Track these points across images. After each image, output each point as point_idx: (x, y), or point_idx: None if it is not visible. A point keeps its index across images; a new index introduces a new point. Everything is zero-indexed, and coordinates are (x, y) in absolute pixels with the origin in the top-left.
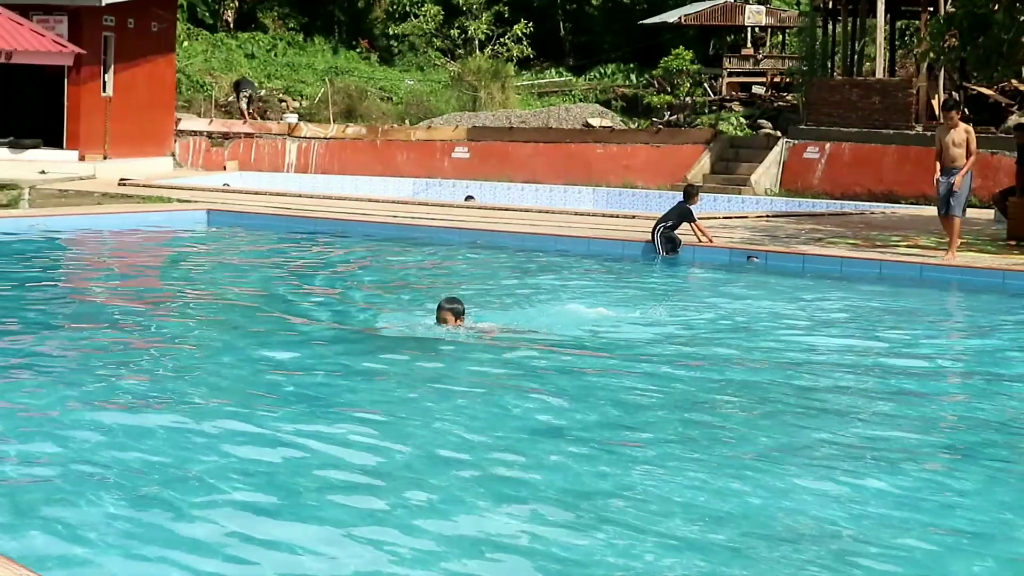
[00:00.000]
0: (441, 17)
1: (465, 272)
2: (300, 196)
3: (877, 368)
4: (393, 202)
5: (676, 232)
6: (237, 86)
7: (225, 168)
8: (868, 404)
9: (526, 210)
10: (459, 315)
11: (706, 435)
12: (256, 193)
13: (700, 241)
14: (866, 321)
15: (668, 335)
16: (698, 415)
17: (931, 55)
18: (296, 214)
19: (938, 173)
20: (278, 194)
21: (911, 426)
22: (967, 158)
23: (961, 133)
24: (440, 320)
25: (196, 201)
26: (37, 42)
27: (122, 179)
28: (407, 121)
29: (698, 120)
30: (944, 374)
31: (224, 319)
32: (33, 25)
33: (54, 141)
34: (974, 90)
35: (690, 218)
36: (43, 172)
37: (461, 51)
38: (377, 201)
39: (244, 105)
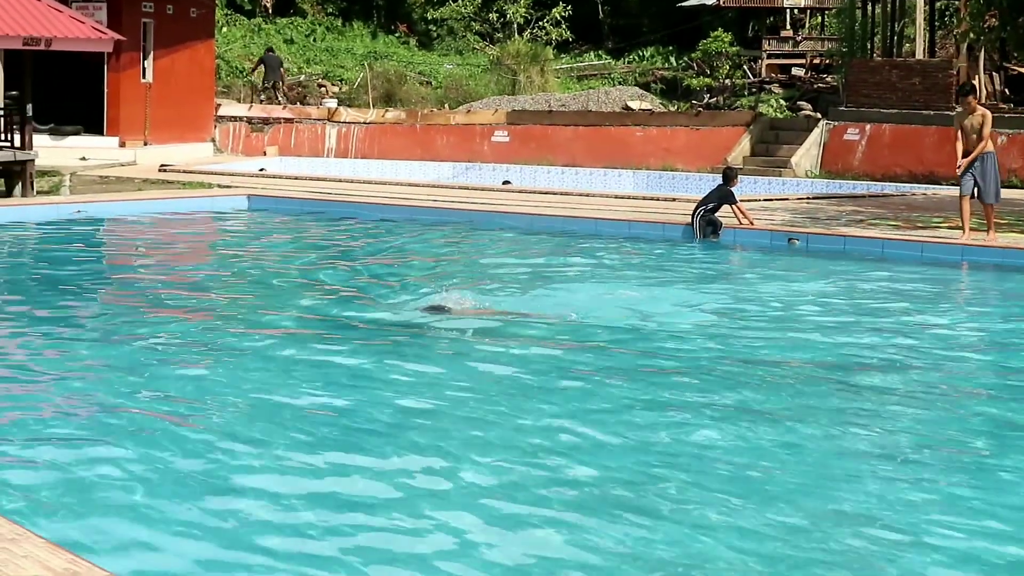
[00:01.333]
0: (480, 1)
1: (504, 256)
2: (340, 181)
3: (921, 350)
4: (433, 186)
5: (716, 215)
6: (263, 63)
7: (265, 153)
8: (914, 389)
9: (565, 193)
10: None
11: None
12: (296, 178)
13: (741, 223)
14: (910, 303)
15: (709, 319)
16: (740, 397)
17: (971, 35)
18: (336, 199)
19: (960, 158)
20: (318, 179)
21: (953, 411)
22: (982, 142)
23: (978, 118)
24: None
25: (236, 186)
26: (76, 29)
27: (162, 165)
28: (446, 105)
29: (738, 102)
30: (986, 352)
31: (264, 303)
32: (72, 12)
33: (94, 128)
34: (1015, 70)
35: (731, 200)
36: (84, 158)
37: (500, 35)
38: (417, 185)
39: (279, 96)
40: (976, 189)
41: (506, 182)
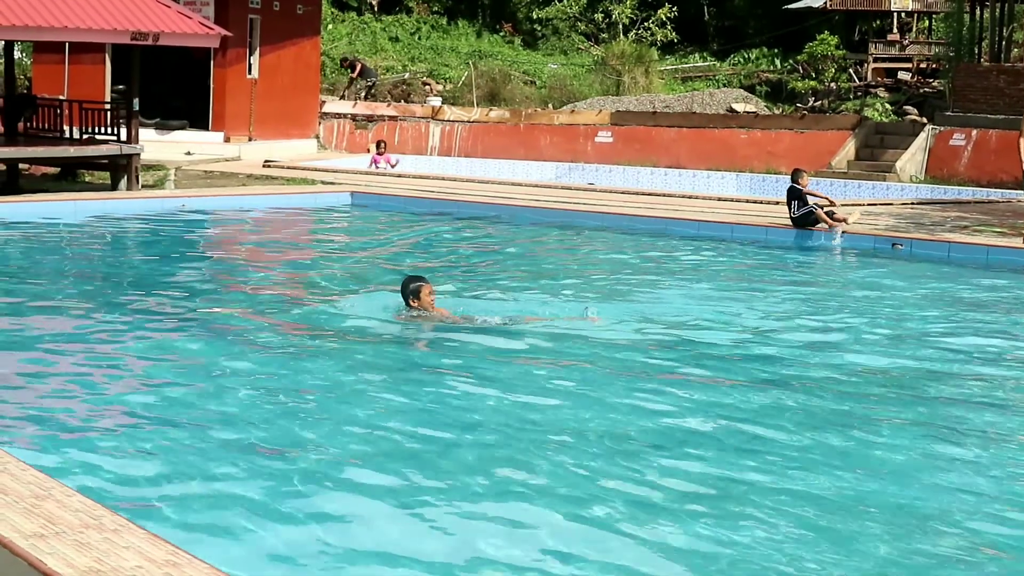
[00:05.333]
0: (585, 1)
1: (604, 257)
2: (443, 179)
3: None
4: (535, 185)
5: (800, 213)
6: (350, 63)
7: (369, 151)
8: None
9: (667, 195)
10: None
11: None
12: (399, 176)
13: (824, 206)
14: (1016, 310)
15: (814, 320)
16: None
17: None
18: (439, 197)
19: None
20: (421, 177)
21: None
22: None
23: None
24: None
25: (340, 183)
26: (184, 24)
27: (267, 161)
28: (550, 105)
29: (843, 106)
30: None
31: (368, 301)
32: (180, 7)
33: (200, 123)
34: None
35: (797, 194)
36: (189, 153)
37: (605, 35)
38: (520, 184)
39: (362, 95)
40: None
41: (590, 183)
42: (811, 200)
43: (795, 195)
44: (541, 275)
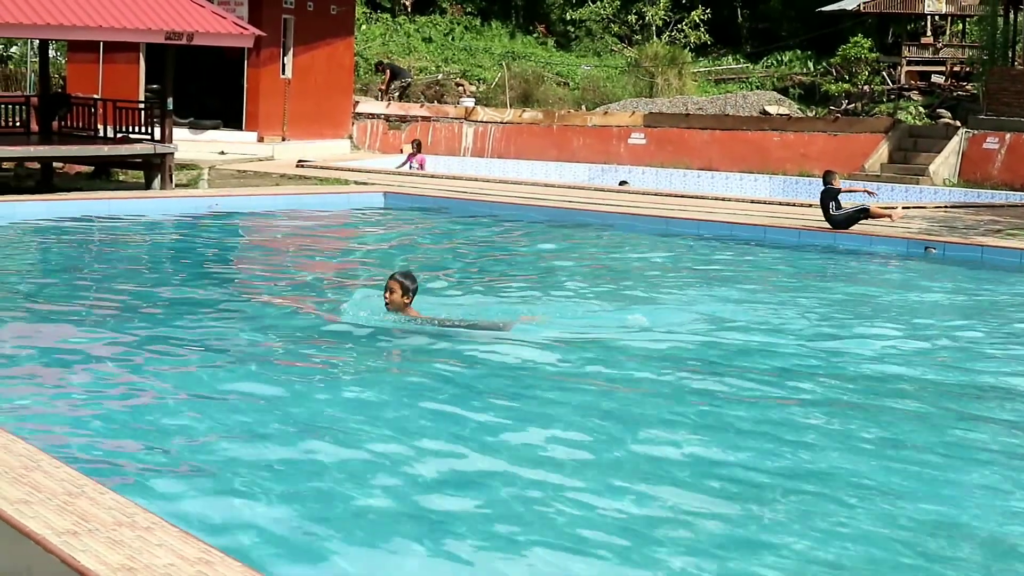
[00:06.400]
0: (618, 3)
1: (636, 258)
2: (476, 180)
3: None
4: (568, 187)
5: (838, 214)
6: (383, 68)
7: (401, 151)
8: None
9: (701, 197)
10: (406, 292)
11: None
12: (432, 176)
13: (859, 192)
14: None
15: (850, 325)
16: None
17: None
18: (472, 198)
19: None
20: (454, 177)
21: None
22: None
23: None
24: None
25: (373, 183)
26: (218, 24)
27: (300, 161)
28: (583, 106)
29: (876, 109)
30: None
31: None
32: (214, 7)
33: (233, 123)
34: None
35: (834, 195)
36: (222, 153)
37: (638, 37)
38: (552, 186)
39: (397, 95)
40: None
41: (623, 182)
42: (851, 196)
43: (832, 196)
44: (572, 277)
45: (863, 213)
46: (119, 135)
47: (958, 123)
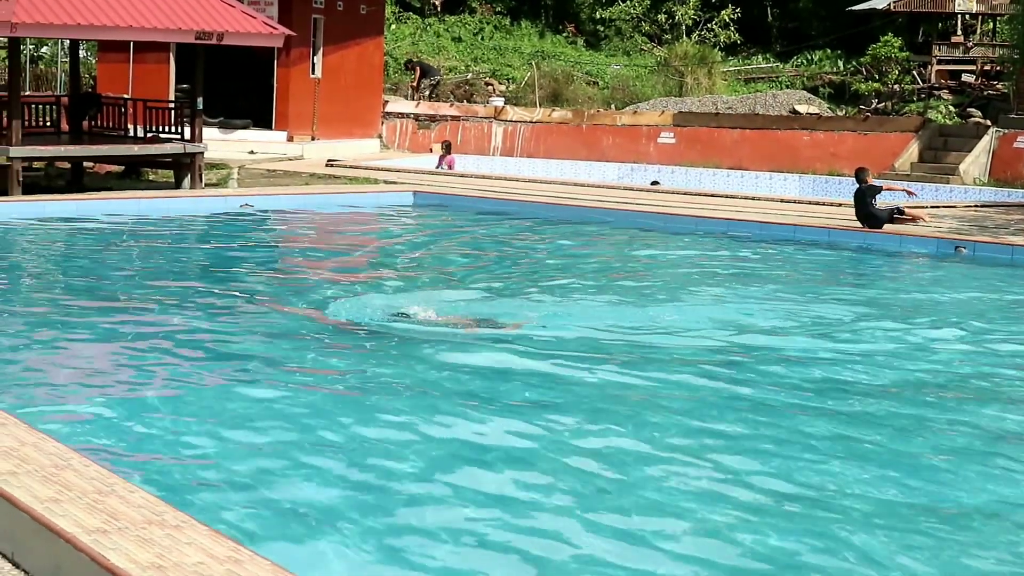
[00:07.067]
0: (648, 2)
1: (666, 257)
2: (505, 179)
3: None
4: (598, 186)
5: (880, 211)
6: (413, 66)
7: (431, 150)
8: None
9: (731, 196)
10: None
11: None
12: (462, 176)
13: (899, 191)
14: None
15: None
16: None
17: None
18: (502, 197)
19: None
20: (484, 177)
21: None
22: None
23: None
24: None
25: (402, 183)
26: (248, 24)
27: (329, 160)
28: (612, 106)
29: (906, 108)
30: None
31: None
32: (244, 7)
33: (263, 122)
34: None
35: (875, 191)
36: (252, 152)
37: (668, 36)
38: (582, 185)
39: (427, 94)
40: None
41: (654, 182)
42: (891, 196)
43: (874, 193)
44: (603, 276)
45: (897, 212)
46: (149, 135)
47: (988, 122)
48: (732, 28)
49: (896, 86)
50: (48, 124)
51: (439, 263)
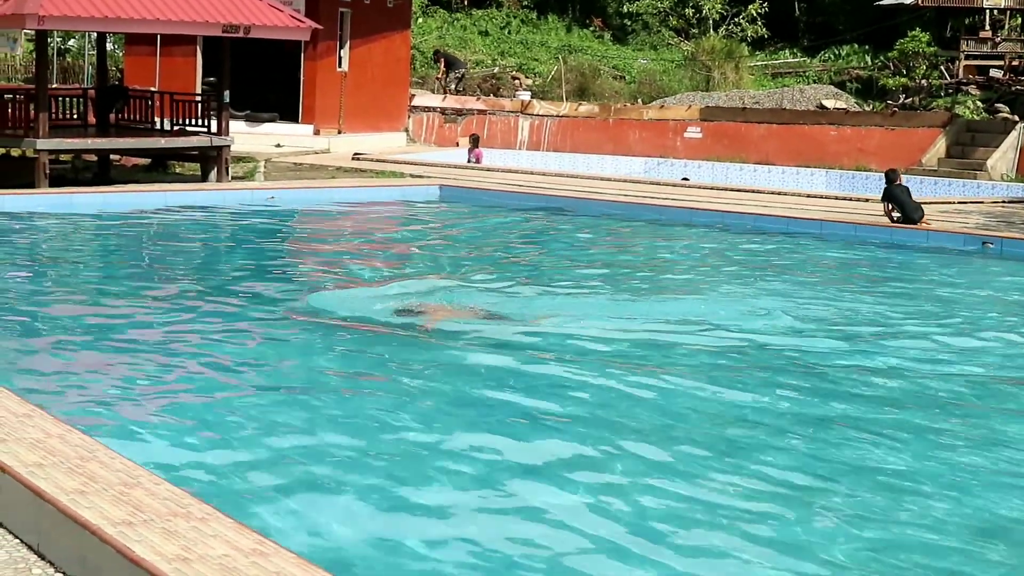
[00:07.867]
0: None
1: (692, 252)
2: (532, 173)
3: None
4: (625, 180)
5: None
6: (439, 57)
7: (458, 144)
8: None
9: (758, 191)
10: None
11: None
12: (488, 169)
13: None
14: None
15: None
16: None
17: None
18: (528, 191)
19: None
20: (510, 171)
21: None
22: None
23: None
24: None
25: (429, 176)
26: (275, 17)
27: (356, 154)
28: (639, 100)
29: (934, 103)
30: None
31: (453, 294)
32: (271, 1)
33: (290, 115)
34: None
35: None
36: (279, 145)
37: (695, 31)
38: (609, 179)
39: (453, 86)
40: None
41: (685, 179)
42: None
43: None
44: (632, 270)
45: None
46: (176, 128)
47: (1016, 118)
48: (759, 23)
49: (923, 81)
50: (75, 117)
51: (465, 257)
